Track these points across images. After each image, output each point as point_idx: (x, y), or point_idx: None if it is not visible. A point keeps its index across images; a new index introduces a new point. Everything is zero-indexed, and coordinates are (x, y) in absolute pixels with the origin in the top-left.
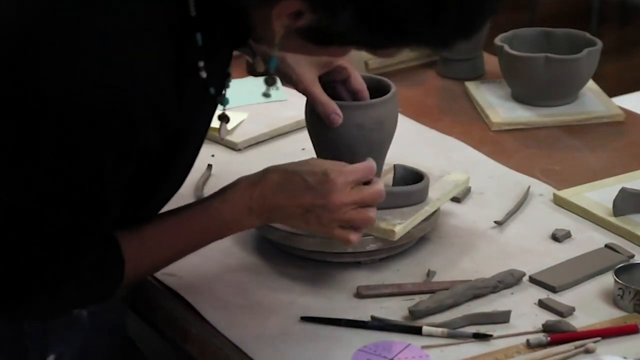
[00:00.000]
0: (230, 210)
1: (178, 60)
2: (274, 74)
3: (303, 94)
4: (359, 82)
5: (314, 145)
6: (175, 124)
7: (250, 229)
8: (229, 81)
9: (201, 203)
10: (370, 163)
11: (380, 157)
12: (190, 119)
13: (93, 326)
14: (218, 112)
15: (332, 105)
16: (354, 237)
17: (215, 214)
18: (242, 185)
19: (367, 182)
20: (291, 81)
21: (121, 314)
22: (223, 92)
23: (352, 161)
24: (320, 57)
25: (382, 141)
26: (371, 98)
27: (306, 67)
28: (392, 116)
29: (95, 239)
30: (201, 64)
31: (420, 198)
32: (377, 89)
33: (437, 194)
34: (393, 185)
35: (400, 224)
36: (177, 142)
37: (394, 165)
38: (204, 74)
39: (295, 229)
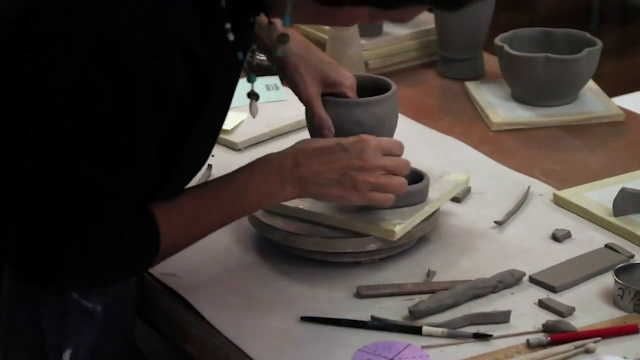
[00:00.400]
0: (259, 178)
1: (203, 23)
2: (281, 76)
3: (304, 103)
4: None
5: None
6: (204, 75)
7: (286, 201)
8: (255, 56)
9: (231, 174)
10: (400, 142)
11: None
12: (217, 81)
13: (106, 324)
14: (247, 90)
15: (327, 122)
16: (391, 197)
17: (244, 182)
18: (272, 155)
19: None
20: (296, 88)
21: (132, 316)
22: (248, 62)
23: None
24: (328, 75)
25: None
26: (371, 97)
27: (313, 80)
28: (393, 114)
29: (122, 204)
30: (228, 26)
31: (420, 198)
32: (377, 88)
33: (437, 194)
34: None
35: (400, 224)
36: (203, 105)
37: None
38: (231, 36)
39: (331, 200)
